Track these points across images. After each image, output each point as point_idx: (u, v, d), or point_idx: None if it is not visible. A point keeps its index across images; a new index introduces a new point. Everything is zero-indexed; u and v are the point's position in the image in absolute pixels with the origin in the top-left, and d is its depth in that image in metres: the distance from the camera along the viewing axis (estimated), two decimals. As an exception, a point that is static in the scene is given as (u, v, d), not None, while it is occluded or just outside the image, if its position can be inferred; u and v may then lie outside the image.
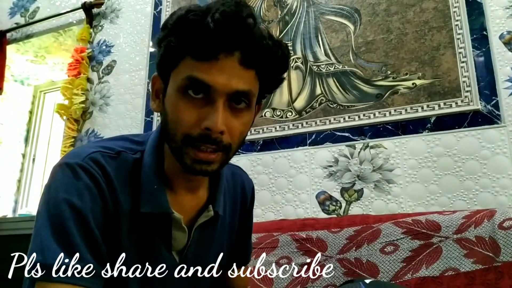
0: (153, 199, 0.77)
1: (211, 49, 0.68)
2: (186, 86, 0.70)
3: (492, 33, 1.66)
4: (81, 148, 0.77)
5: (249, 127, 0.79)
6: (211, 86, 0.69)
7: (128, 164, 0.78)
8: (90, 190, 0.71)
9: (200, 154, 0.71)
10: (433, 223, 1.36)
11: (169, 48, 0.72)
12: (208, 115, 0.70)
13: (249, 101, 0.74)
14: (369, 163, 1.75)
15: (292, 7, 2.09)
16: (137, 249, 0.77)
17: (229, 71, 0.70)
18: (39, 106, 3.46)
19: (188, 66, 0.70)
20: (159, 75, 0.78)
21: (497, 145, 1.56)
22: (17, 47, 3.14)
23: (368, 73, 1.84)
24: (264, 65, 0.74)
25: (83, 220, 0.68)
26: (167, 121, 0.75)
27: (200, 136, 0.70)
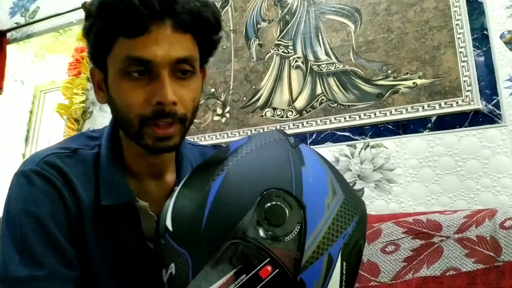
0: (114, 191, 0.76)
1: (140, 23, 0.67)
2: (126, 68, 0.69)
3: (492, 33, 1.65)
4: (37, 153, 0.76)
5: (200, 94, 0.78)
6: (151, 60, 0.68)
7: (86, 160, 0.77)
8: (47, 195, 0.70)
9: (158, 131, 0.70)
10: (434, 223, 1.36)
11: (99, 35, 0.70)
12: (156, 90, 0.68)
13: (193, 66, 0.73)
14: (370, 162, 1.74)
15: (293, 6, 2.09)
16: (107, 244, 0.76)
17: (164, 40, 0.68)
18: (39, 106, 3.45)
19: (123, 47, 0.69)
20: (96, 66, 0.76)
21: (498, 145, 1.55)
22: (17, 46, 3.14)
23: (369, 72, 1.84)
24: (198, 27, 0.72)
25: (42, 227, 0.67)
26: (117, 109, 0.73)
27: (154, 113, 0.69)
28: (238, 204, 0.56)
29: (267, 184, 0.57)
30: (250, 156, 0.63)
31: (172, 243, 0.58)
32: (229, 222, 0.55)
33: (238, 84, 2.14)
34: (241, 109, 2.10)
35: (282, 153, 0.63)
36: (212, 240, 0.55)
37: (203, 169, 0.66)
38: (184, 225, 0.59)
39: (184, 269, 0.55)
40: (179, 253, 0.56)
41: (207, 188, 0.59)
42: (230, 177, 0.59)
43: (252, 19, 2.19)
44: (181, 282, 0.55)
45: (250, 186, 0.58)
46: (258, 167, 0.62)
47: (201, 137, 2.14)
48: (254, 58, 2.13)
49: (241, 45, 2.18)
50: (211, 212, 0.56)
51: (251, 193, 0.57)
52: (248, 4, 2.22)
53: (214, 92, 2.19)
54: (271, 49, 2.10)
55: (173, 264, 0.57)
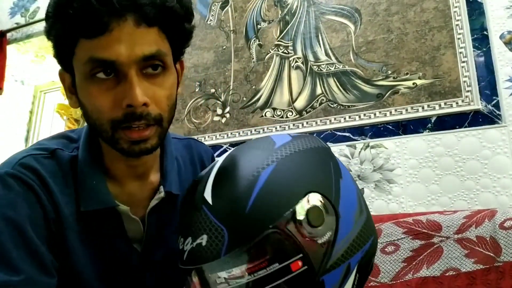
0: (94, 196, 0.73)
1: (99, 22, 0.61)
2: (91, 70, 0.64)
3: (492, 33, 1.65)
4: (13, 156, 0.72)
5: (175, 90, 0.74)
6: (115, 60, 0.63)
7: (64, 163, 0.74)
8: (24, 198, 0.66)
9: (133, 134, 0.66)
10: (434, 223, 1.36)
11: (59, 37, 0.66)
12: (125, 92, 0.64)
13: (164, 62, 0.68)
14: (370, 163, 1.75)
15: (293, 7, 2.09)
16: (91, 248, 0.73)
17: (127, 38, 0.63)
18: (39, 106, 3.45)
19: (84, 49, 0.64)
20: (63, 69, 0.72)
21: (498, 145, 1.55)
22: (18, 47, 3.14)
23: (369, 73, 1.84)
24: (163, 19, 0.67)
25: (19, 231, 0.63)
26: (88, 114, 0.68)
27: (125, 116, 0.64)
28: (285, 197, 0.60)
29: (312, 186, 0.62)
30: (299, 155, 0.66)
31: (210, 216, 0.59)
32: (273, 212, 0.58)
33: (238, 85, 2.14)
34: (241, 109, 2.10)
35: (326, 162, 0.68)
36: (254, 224, 0.58)
37: (248, 154, 0.67)
38: (227, 203, 0.60)
39: (218, 243, 0.57)
40: (216, 227, 0.58)
41: (256, 174, 0.61)
42: (279, 169, 0.62)
43: (252, 19, 2.19)
44: (211, 255, 0.57)
45: (297, 184, 0.62)
46: (306, 168, 0.65)
47: (201, 137, 2.14)
48: (254, 59, 2.13)
49: (241, 45, 2.19)
50: (258, 198, 0.59)
51: (297, 190, 0.61)
52: (248, 5, 2.22)
53: (214, 92, 2.19)
54: (271, 50, 2.10)
55: (205, 236, 0.58)
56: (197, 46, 2.31)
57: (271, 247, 0.58)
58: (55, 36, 0.67)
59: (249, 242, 0.57)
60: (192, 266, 0.60)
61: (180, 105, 2.26)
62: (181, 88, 0.81)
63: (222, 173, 0.65)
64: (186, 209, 0.66)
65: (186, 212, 0.66)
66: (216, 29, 2.28)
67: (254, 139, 0.78)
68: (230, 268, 0.57)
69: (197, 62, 2.29)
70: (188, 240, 0.61)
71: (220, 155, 2.24)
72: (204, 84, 2.24)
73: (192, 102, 2.24)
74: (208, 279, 0.59)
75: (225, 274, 0.58)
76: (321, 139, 0.74)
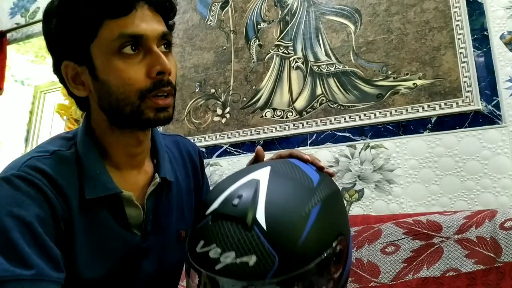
0: (98, 184, 0.77)
1: (126, 3, 0.71)
2: (119, 46, 0.72)
3: (492, 33, 1.65)
4: (16, 160, 0.76)
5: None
6: (143, 35, 0.72)
7: (66, 160, 0.78)
8: (31, 197, 0.69)
9: (159, 101, 0.74)
10: (434, 224, 1.36)
11: (80, 23, 0.72)
12: (154, 62, 0.73)
13: (170, 42, 0.79)
14: (370, 163, 1.74)
15: (293, 7, 2.09)
16: (95, 238, 0.76)
17: (148, 18, 0.74)
18: (39, 106, 3.46)
19: (111, 28, 0.71)
20: (71, 60, 0.76)
21: (498, 145, 1.55)
22: (18, 47, 3.14)
23: (369, 73, 1.84)
24: (165, 10, 0.78)
25: (28, 228, 0.66)
26: (111, 91, 0.74)
27: (154, 84, 0.73)
28: (326, 236, 0.68)
29: (341, 228, 0.72)
30: (332, 198, 0.74)
31: (263, 240, 0.63)
32: (319, 248, 0.66)
33: (238, 85, 2.14)
34: (241, 109, 2.10)
35: (343, 203, 0.79)
36: (303, 257, 0.64)
37: (294, 188, 0.73)
38: (281, 232, 0.65)
39: (266, 267, 0.62)
40: (268, 252, 0.62)
41: (307, 212, 0.67)
42: (323, 210, 0.69)
43: (252, 19, 2.19)
44: (256, 275, 0.62)
45: (333, 225, 0.71)
46: (338, 210, 0.75)
47: (201, 138, 2.14)
48: (254, 59, 2.13)
49: (241, 45, 2.18)
50: (309, 234, 0.65)
51: (334, 232, 0.70)
52: (248, 5, 2.22)
53: (214, 92, 2.19)
54: (271, 50, 2.10)
55: (255, 257, 0.62)
56: (197, 46, 2.31)
57: (310, 278, 0.64)
58: (76, 22, 0.72)
59: (296, 271, 0.62)
60: (229, 279, 0.63)
61: (180, 105, 2.26)
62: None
63: (273, 201, 0.68)
64: (226, 221, 0.68)
65: (224, 224, 0.68)
66: (216, 29, 2.28)
67: (283, 164, 0.80)
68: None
69: (197, 62, 2.29)
70: (229, 253, 0.64)
71: (220, 155, 2.22)
72: (204, 85, 2.24)
73: (192, 102, 2.24)
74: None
75: None
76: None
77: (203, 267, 0.66)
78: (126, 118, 0.75)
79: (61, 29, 0.74)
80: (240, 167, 1.99)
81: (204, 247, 0.67)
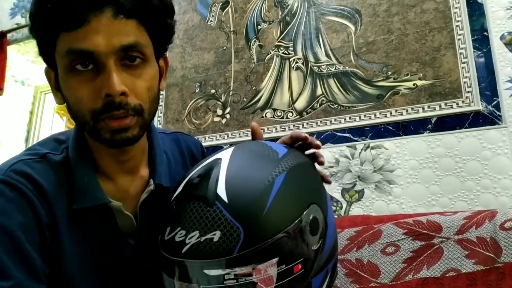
0: (86, 193, 0.73)
1: (77, 14, 0.63)
2: (70, 62, 0.66)
3: (493, 34, 1.66)
4: (3, 163, 0.73)
5: (156, 83, 0.75)
6: (93, 51, 0.64)
7: (56, 165, 0.74)
8: (15, 204, 0.67)
9: (112, 123, 0.67)
10: (434, 224, 1.36)
11: (41, 32, 0.68)
12: (103, 82, 0.65)
13: (143, 53, 0.69)
14: (370, 163, 1.75)
15: (293, 7, 2.09)
16: (85, 247, 0.74)
17: (105, 29, 0.64)
18: (39, 107, 3.46)
19: (64, 42, 0.66)
20: (48, 66, 0.73)
21: (498, 146, 1.55)
22: (18, 47, 3.14)
23: (369, 73, 1.84)
24: (141, 12, 0.68)
25: (9, 237, 0.64)
26: (70, 107, 0.70)
27: (104, 106, 0.66)
28: (295, 205, 0.66)
29: (313, 198, 0.69)
30: (300, 168, 0.72)
31: (226, 214, 0.61)
32: (286, 217, 0.63)
33: (238, 85, 2.14)
34: (242, 110, 2.10)
35: (318, 175, 0.76)
36: (270, 226, 0.61)
37: (256, 160, 0.71)
38: (244, 203, 0.62)
39: (232, 241, 0.59)
40: (231, 225, 0.60)
41: (271, 180, 0.65)
42: (288, 178, 0.67)
43: (253, 20, 2.19)
44: (223, 251, 0.59)
45: (303, 194, 0.69)
46: (308, 180, 0.73)
47: (202, 138, 2.14)
48: (255, 59, 2.13)
49: (242, 46, 2.19)
50: (274, 203, 0.62)
51: (304, 200, 0.67)
52: (248, 5, 2.22)
53: (215, 93, 2.19)
54: (271, 50, 2.10)
55: (219, 232, 0.60)
56: (197, 47, 2.31)
57: (281, 250, 0.61)
58: (37, 31, 0.68)
59: (264, 242, 0.60)
60: (196, 260, 0.60)
61: (180, 105, 2.26)
62: (165, 83, 0.82)
63: (234, 174, 0.66)
64: (188, 202, 0.66)
65: (187, 205, 0.65)
66: (217, 29, 2.28)
67: (249, 143, 0.79)
68: (241, 266, 0.59)
69: (197, 63, 2.29)
70: (193, 233, 0.61)
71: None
72: (204, 85, 2.24)
73: (193, 102, 2.24)
74: (208, 273, 0.60)
75: (234, 271, 0.59)
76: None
77: (171, 253, 0.63)
78: (89, 135, 0.72)
79: (31, 34, 0.70)
80: (240, 167, 2.00)
81: (170, 233, 0.65)
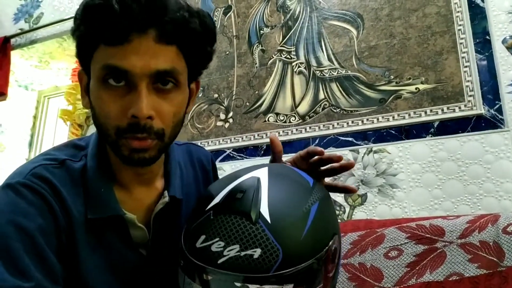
0: (101, 203, 0.74)
1: (121, 32, 0.64)
2: (105, 76, 0.67)
3: (495, 38, 1.66)
4: (23, 166, 0.74)
5: (184, 108, 0.76)
6: (129, 71, 0.65)
7: (74, 172, 0.75)
8: (36, 207, 0.67)
9: (134, 143, 0.68)
10: (437, 228, 1.36)
11: (82, 39, 0.69)
12: (132, 103, 0.66)
13: (176, 80, 0.70)
14: (373, 167, 1.75)
15: (295, 12, 2.10)
16: (99, 255, 0.74)
17: (145, 51, 0.65)
18: (43, 111, 3.47)
19: (102, 54, 0.67)
20: (83, 69, 0.74)
21: (501, 150, 1.55)
22: (21, 52, 3.15)
23: (371, 77, 1.84)
24: (184, 39, 0.69)
25: (30, 239, 0.64)
26: (96, 117, 0.71)
27: (129, 126, 0.67)
28: (325, 234, 0.70)
29: (335, 229, 0.74)
30: (327, 199, 0.77)
31: (268, 233, 0.64)
32: (318, 245, 0.68)
33: (241, 90, 2.15)
34: (244, 114, 2.10)
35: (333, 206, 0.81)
36: (305, 252, 0.65)
37: (293, 186, 0.75)
38: (284, 226, 0.66)
39: (271, 260, 0.62)
40: (272, 246, 0.63)
41: (308, 208, 0.69)
42: (321, 208, 0.71)
43: (255, 25, 2.20)
44: (261, 268, 0.62)
45: (330, 224, 0.73)
46: (332, 211, 0.78)
47: (204, 142, 2.15)
48: (257, 64, 2.14)
49: (244, 50, 2.19)
50: (309, 230, 0.67)
51: (331, 231, 0.72)
52: (251, 10, 2.23)
53: (217, 97, 2.20)
54: (273, 55, 2.10)
55: (260, 250, 0.63)
56: (200, 52, 2.31)
57: (309, 275, 0.65)
58: (78, 37, 0.69)
59: (297, 266, 0.63)
60: (232, 272, 0.63)
61: (183, 110, 2.26)
62: (192, 105, 0.84)
63: (275, 197, 0.70)
64: (229, 215, 0.67)
65: (228, 218, 0.67)
66: (219, 34, 2.29)
67: (281, 166, 0.83)
68: (273, 284, 0.62)
69: (200, 67, 2.29)
70: (233, 247, 0.64)
71: (223, 160, 2.22)
72: (207, 89, 2.25)
73: (195, 107, 2.25)
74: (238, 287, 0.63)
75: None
76: None
77: (204, 261, 0.65)
78: (109, 146, 0.73)
79: (72, 37, 0.71)
80: (243, 171, 2.00)
81: (206, 241, 0.66)
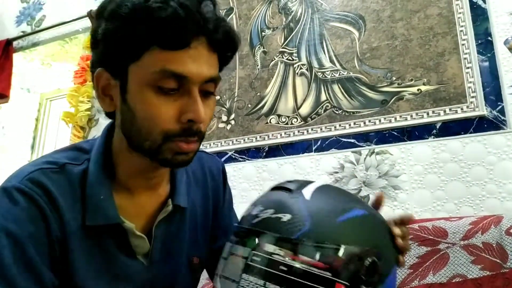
0: (100, 210, 0.72)
1: (184, 37, 0.64)
2: (158, 80, 0.65)
3: (497, 39, 1.66)
4: (22, 168, 0.72)
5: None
6: (187, 76, 0.65)
7: (74, 177, 0.73)
8: (28, 214, 0.65)
9: (183, 146, 0.68)
10: (439, 230, 1.36)
11: (127, 40, 0.65)
12: (188, 107, 0.66)
13: (216, 86, 0.72)
14: (375, 169, 1.75)
15: (297, 14, 2.10)
16: (96, 263, 0.72)
17: (200, 58, 0.66)
18: (45, 114, 3.48)
19: (156, 58, 0.65)
20: (107, 70, 0.70)
21: (503, 151, 1.55)
22: (24, 55, 3.17)
23: (373, 79, 1.84)
24: (225, 47, 0.71)
25: (20, 248, 0.63)
26: (134, 121, 0.68)
27: (183, 130, 0.67)
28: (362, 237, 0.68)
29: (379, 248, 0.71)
30: (378, 217, 0.77)
31: (301, 205, 0.67)
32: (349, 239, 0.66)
33: (243, 91, 2.15)
34: (246, 116, 2.10)
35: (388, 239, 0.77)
36: (333, 234, 0.65)
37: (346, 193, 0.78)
38: (321, 206, 0.68)
39: (297, 225, 0.64)
40: (302, 214, 0.66)
41: (352, 207, 0.70)
42: (367, 216, 0.72)
43: (257, 26, 2.20)
44: (285, 231, 0.64)
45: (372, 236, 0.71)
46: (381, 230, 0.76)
47: (206, 144, 2.15)
48: (259, 66, 2.14)
49: (246, 52, 2.19)
50: (346, 223, 0.68)
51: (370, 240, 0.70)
52: (252, 12, 2.23)
53: (219, 99, 2.20)
54: (275, 57, 2.10)
55: (290, 215, 0.66)
56: (202, 54, 2.32)
57: (337, 261, 0.63)
58: (121, 38, 0.65)
59: (322, 242, 0.63)
60: (260, 229, 0.66)
61: (185, 112, 2.26)
62: None
63: (326, 188, 0.74)
64: (276, 189, 0.74)
65: (275, 192, 0.74)
66: (221, 36, 2.29)
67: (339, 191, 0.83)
68: (292, 250, 0.63)
69: (202, 69, 2.29)
70: (268, 210, 0.68)
71: (225, 162, 2.22)
72: (209, 91, 2.25)
73: (197, 109, 2.25)
74: (262, 246, 0.65)
75: (283, 252, 0.63)
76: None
77: (243, 223, 0.71)
78: (143, 151, 0.71)
79: (106, 36, 0.67)
80: (245, 173, 2.00)
81: (251, 209, 0.72)
